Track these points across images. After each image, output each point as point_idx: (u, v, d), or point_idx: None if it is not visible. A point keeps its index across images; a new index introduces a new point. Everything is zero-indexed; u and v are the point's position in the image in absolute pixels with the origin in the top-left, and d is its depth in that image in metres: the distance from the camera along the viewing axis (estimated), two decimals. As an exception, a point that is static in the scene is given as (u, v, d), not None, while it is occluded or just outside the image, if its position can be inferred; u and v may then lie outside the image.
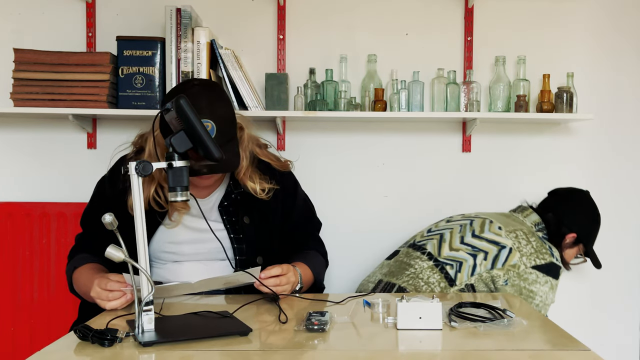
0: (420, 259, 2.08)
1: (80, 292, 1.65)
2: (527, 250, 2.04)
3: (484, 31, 2.60)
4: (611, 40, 2.62)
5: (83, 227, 1.79)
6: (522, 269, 2.01)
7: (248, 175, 1.71)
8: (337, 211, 2.58)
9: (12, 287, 2.49)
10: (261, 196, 1.72)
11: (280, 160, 1.84)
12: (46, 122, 2.57)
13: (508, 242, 2.05)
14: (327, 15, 2.59)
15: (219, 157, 1.34)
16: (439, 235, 2.15)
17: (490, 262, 2.02)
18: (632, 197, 2.66)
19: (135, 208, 1.28)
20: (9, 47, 2.37)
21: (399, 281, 2.06)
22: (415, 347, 1.24)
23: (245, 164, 1.70)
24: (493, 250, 2.04)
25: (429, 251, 2.10)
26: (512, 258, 2.02)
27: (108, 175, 1.76)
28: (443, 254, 2.06)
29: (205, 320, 1.38)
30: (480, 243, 2.06)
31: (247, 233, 1.72)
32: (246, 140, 1.71)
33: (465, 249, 2.06)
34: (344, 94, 2.44)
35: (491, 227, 2.10)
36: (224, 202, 1.73)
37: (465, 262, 2.03)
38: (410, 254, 2.14)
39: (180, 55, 2.33)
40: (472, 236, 2.09)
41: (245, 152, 1.70)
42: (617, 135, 2.65)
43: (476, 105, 2.46)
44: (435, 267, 2.04)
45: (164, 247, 1.69)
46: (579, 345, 1.24)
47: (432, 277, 2.02)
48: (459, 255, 2.05)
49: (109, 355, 1.16)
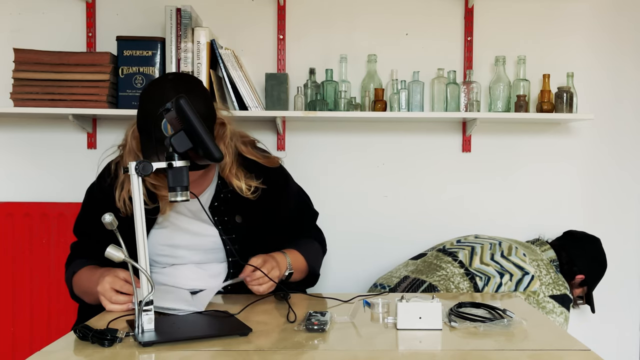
0: (451, 264, 2.16)
1: (83, 292, 1.64)
2: (546, 279, 2.14)
3: (484, 31, 2.60)
4: (611, 40, 2.62)
5: (77, 235, 1.77)
6: (542, 296, 2.10)
7: (233, 173, 1.67)
8: (336, 211, 2.58)
9: (12, 287, 2.49)
10: (247, 195, 1.68)
11: (268, 157, 1.78)
12: (46, 122, 2.57)
13: (531, 270, 2.14)
14: (327, 15, 2.59)
15: (218, 157, 1.33)
16: (470, 247, 2.23)
17: (514, 285, 2.11)
18: (632, 197, 2.66)
19: (135, 208, 1.28)
20: (9, 47, 2.37)
21: (429, 279, 2.12)
22: (415, 347, 1.24)
23: (228, 160, 1.66)
24: (518, 274, 2.13)
25: (460, 259, 2.17)
26: (533, 285, 2.11)
27: (97, 182, 1.74)
28: (474, 265, 2.15)
29: (205, 320, 1.38)
30: (508, 265, 2.15)
31: (239, 233, 1.69)
32: (228, 136, 1.67)
33: (494, 266, 2.14)
34: (344, 94, 2.44)
35: (517, 253, 2.20)
36: (214, 203, 1.70)
37: (493, 277, 2.11)
38: (440, 258, 2.21)
39: (180, 55, 2.33)
40: (501, 256, 2.18)
41: (227, 148, 1.65)
42: (617, 135, 2.64)
43: (476, 106, 2.46)
44: (466, 275, 2.11)
45: (160, 250, 1.67)
46: (579, 345, 1.24)
47: (462, 284, 2.10)
48: (488, 270, 2.13)
49: (109, 355, 1.16)
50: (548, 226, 2.62)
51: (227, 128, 1.67)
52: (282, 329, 1.34)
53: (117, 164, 1.68)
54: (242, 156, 1.72)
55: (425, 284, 2.11)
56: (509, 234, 2.51)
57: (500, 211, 2.63)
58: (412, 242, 2.59)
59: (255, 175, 1.71)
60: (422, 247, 2.53)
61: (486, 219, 2.62)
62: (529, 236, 2.56)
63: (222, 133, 1.66)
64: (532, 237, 2.54)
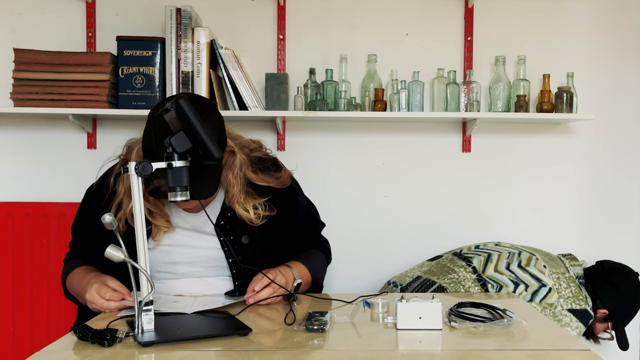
0: (464, 268, 2.15)
1: (75, 293, 1.64)
2: (565, 293, 2.12)
3: (484, 31, 2.60)
4: (611, 40, 2.62)
5: (73, 234, 1.77)
6: (559, 309, 2.08)
7: (241, 203, 1.62)
8: (337, 211, 2.58)
9: (12, 287, 2.49)
10: (256, 224, 1.64)
11: (278, 177, 1.72)
12: (46, 122, 2.57)
13: (549, 282, 2.12)
14: (327, 15, 2.59)
15: (218, 157, 1.33)
16: (486, 254, 2.21)
17: (530, 296, 2.10)
18: (632, 197, 2.66)
19: (135, 208, 1.28)
20: (9, 47, 2.37)
21: (440, 280, 2.13)
22: (415, 347, 1.24)
23: (235, 191, 1.62)
24: (534, 285, 2.11)
25: (474, 265, 2.17)
26: (550, 297, 2.09)
27: (95, 188, 1.70)
28: (487, 272, 2.13)
29: (205, 320, 1.38)
30: (524, 275, 2.14)
31: (246, 254, 1.66)
32: (238, 166, 1.62)
33: (509, 275, 2.13)
34: (344, 94, 2.44)
35: (537, 264, 2.18)
36: (220, 221, 1.66)
37: (506, 287, 2.10)
38: (454, 261, 2.21)
39: (180, 55, 2.33)
40: (518, 266, 2.16)
41: (236, 179, 1.61)
42: (617, 135, 2.64)
43: (476, 105, 2.46)
44: (478, 281, 2.11)
45: (159, 267, 1.65)
46: (579, 345, 1.24)
47: (473, 289, 2.09)
48: (501, 279, 2.12)
49: (109, 355, 1.16)
50: (548, 226, 2.62)
51: (237, 157, 1.62)
52: (282, 329, 1.34)
53: (115, 178, 1.64)
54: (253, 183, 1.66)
55: (436, 285, 2.12)
56: (508, 233, 2.51)
57: (500, 211, 2.63)
58: (412, 242, 2.59)
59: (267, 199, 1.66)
60: (422, 247, 2.53)
61: (486, 219, 2.62)
62: (530, 237, 2.56)
63: (231, 162, 1.62)
64: (533, 237, 2.54)
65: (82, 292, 1.53)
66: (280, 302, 1.58)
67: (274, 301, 1.56)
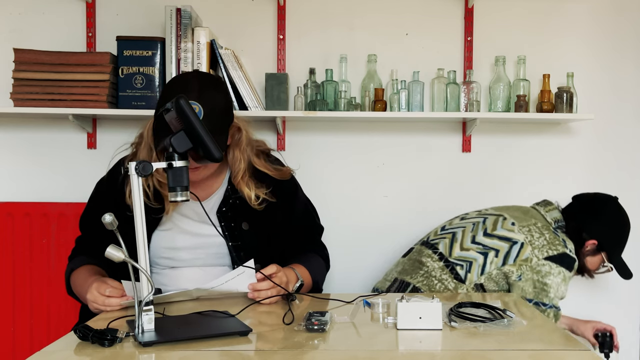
0: (431, 257, 2.11)
1: (77, 292, 1.65)
2: (539, 242, 2.04)
3: (484, 31, 2.60)
4: (611, 40, 2.62)
5: (81, 229, 1.78)
6: (535, 261, 2.01)
7: (245, 181, 1.67)
8: (337, 211, 2.58)
9: (12, 287, 2.49)
10: (254, 205, 1.68)
11: (280, 169, 1.77)
12: (46, 122, 2.57)
13: (520, 237, 2.05)
14: (327, 15, 2.59)
15: (218, 157, 1.34)
16: (451, 234, 2.16)
17: (502, 259, 2.03)
18: (632, 197, 2.66)
19: (135, 208, 1.28)
20: (9, 47, 2.37)
21: (413, 280, 2.09)
22: (415, 347, 1.24)
23: (242, 167, 1.66)
24: (504, 247, 2.05)
25: (440, 251, 2.12)
26: (523, 252, 2.02)
27: (107, 177, 1.76)
28: (454, 254, 2.09)
29: (205, 320, 1.38)
30: (492, 241, 2.07)
31: (245, 240, 1.69)
32: (244, 142, 1.67)
33: (476, 248, 2.07)
34: (344, 94, 2.44)
35: (504, 224, 2.10)
36: (222, 208, 1.70)
37: (475, 261, 2.05)
38: (422, 252, 2.16)
39: (180, 55, 2.33)
40: (484, 235, 2.10)
41: (243, 154, 1.66)
42: (617, 135, 2.64)
43: (476, 105, 2.46)
44: (446, 267, 2.07)
45: (161, 252, 1.67)
46: (579, 345, 1.24)
47: (443, 276, 2.06)
48: (469, 255, 2.06)
49: (109, 355, 1.16)
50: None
51: (243, 134, 1.68)
52: (282, 329, 1.34)
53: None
54: (254, 167, 1.71)
55: (410, 287, 2.09)
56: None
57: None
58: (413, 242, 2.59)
59: (266, 186, 1.71)
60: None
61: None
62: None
63: (237, 138, 1.67)
64: None
65: (83, 293, 1.54)
66: (280, 302, 1.58)
67: (272, 301, 1.56)
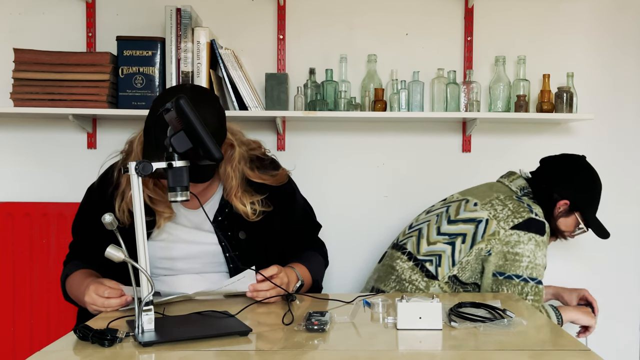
0: (401, 259, 2.05)
1: (74, 297, 1.65)
2: (503, 214, 1.97)
3: (484, 31, 2.60)
4: (611, 40, 2.62)
5: (74, 235, 1.77)
6: (502, 233, 1.94)
7: (238, 197, 1.65)
8: (337, 211, 2.58)
9: (12, 287, 2.49)
10: (252, 219, 1.66)
11: (275, 175, 1.74)
12: (46, 122, 2.57)
13: (484, 215, 1.98)
14: (327, 15, 2.59)
15: (218, 157, 1.33)
16: (417, 231, 2.10)
17: (470, 242, 1.96)
18: (632, 197, 2.66)
19: (135, 208, 1.28)
20: (9, 47, 2.37)
21: (386, 287, 2.04)
22: (415, 347, 1.24)
23: (234, 184, 1.64)
24: (470, 229, 1.98)
25: (409, 251, 2.06)
26: (489, 228, 1.95)
27: (97, 185, 1.73)
28: (422, 250, 2.02)
29: (205, 320, 1.38)
30: (457, 227, 2.00)
31: (243, 249, 1.68)
32: (237, 159, 1.65)
33: (442, 239, 2.00)
34: (344, 94, 2.44)
35: (467, 207, 2.04)
36: (218, 217, 1.68)
37: (444, 253, 1.98)
38: (393, 256, 2.11)
39: (180, 55, 2.33)
40: (448, 223, 2.03)
41: (235, 171, 1.64)
42: (617, 135, 2.64)
43: (476, 105, 2.46)
44: (416, 266, 2.00)
45: (157, 262, 1.66)
46: (578, 345, 1.24)
47: (414, 276, 1.99)
48: (437, 248, 1.99)
49: (109, 355, 1.16)
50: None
51: (236, 151, 1.65)
52: (282, 329, 1.34)
53: (119, 171, 1.66)
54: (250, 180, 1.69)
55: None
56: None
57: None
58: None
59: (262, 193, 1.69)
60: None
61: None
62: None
63: (230, 155, 1.65)
64: None
65: (80, 296, 1.54)
66: (280, 302, 1.58)
67: (271, 301, 1.56)
